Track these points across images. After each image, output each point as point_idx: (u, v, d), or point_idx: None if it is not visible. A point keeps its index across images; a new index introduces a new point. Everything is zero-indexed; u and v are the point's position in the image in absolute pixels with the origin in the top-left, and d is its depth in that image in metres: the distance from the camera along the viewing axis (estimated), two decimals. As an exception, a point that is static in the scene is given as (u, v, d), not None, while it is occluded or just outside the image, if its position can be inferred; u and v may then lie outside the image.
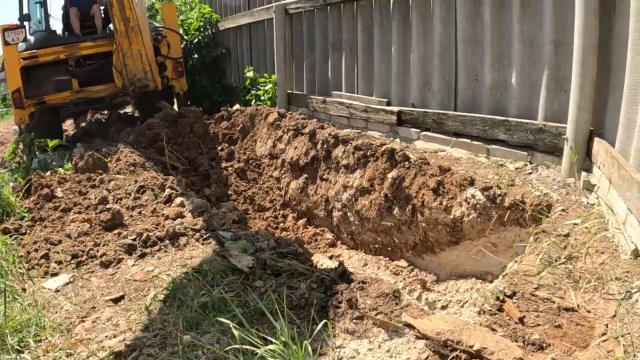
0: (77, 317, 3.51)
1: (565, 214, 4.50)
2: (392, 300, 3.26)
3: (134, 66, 9.82)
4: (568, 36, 5.14)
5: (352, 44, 8.49)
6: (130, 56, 9.60)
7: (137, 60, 9.76)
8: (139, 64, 9.83)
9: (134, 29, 9.23)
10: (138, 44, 9.53)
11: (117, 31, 9.03)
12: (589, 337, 3.08)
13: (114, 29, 9.00)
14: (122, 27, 9.00)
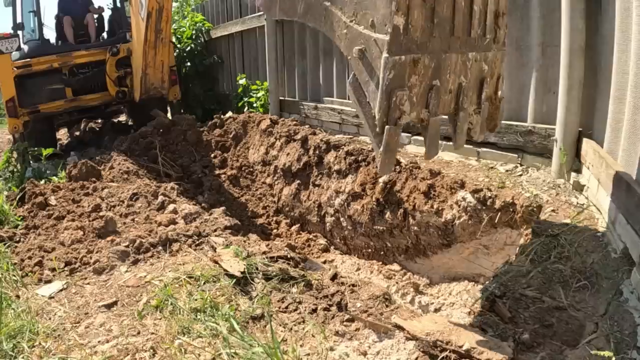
0: (70, 323, 3.52)
1: (555, 214, 4.53)
2: (382, 303, 3.29)
3: (153, 75, 9.87)
4: (555, 38, 5.17)
5: (343, 49, 8.50)
6: (153, 66, 9.64)
7: (158, 70, 9.82)
8: (158, 74, 9.90)
9: (164, 40, 9.28)
10: (163, 55, 9.59)
11: (146, 41, 9.00)
12: (579, 335, 3.10)
13: (144, 39, 8.96)
14: (153, 38, 9.00)
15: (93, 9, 12.37)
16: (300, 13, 3.41)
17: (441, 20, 3.00)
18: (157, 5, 8.48)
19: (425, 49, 2.95)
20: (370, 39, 2.83)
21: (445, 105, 3.23)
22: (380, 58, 2.76)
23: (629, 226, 3.54)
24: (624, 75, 4.12)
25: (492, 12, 3.48)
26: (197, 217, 5.05)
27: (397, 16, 2.69)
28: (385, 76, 2.74)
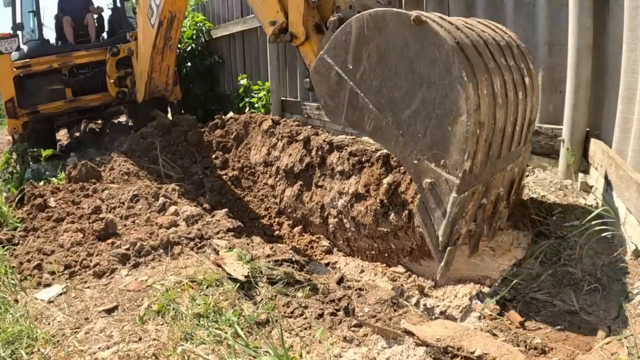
0: (70, 329, 3.46)
1: (563, 216, 4.46)
2: (390, 307, 3.22)
3: (158, 79, 9.87)
4: (562, 37, 5.11)
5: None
6: (159, 70, 9.65)
7: (163, 75, 9.83)
8: (163, 78, 9.91)
9: (172, 47, 9.27)
10: (170, 60, 9.58)
11: (154, 48, 8.99)
12: (592, 339, 3.05)
13: (153, 46, 8.92)
14: (162, 44, 8.99)
15: (93, 9, 12.34)
16: (368, 130, 3.63)
17: (493, 151, 3.43)
18: (169, 15, 8.43)
19: (481, 179, 3.39)
20: (441, 177, 3.21)
21: (486, 212, 3.68)
22: (449, 195, 3.17)
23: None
24: (633, 74, 4.06)
25: (527, 123, 3.97)
26: (199, 219, 4.99)
27: (467, 162, 3.10)
28: (452, 211, 3.16)
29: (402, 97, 3.36)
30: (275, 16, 4.88)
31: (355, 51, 3.61)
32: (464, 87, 3.02)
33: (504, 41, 3.77)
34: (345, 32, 3.65)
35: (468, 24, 3.65)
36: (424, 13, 3.32)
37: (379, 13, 3.41)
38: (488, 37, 3.57)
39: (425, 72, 3.21)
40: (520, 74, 3.72)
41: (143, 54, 9.55)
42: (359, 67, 3.60)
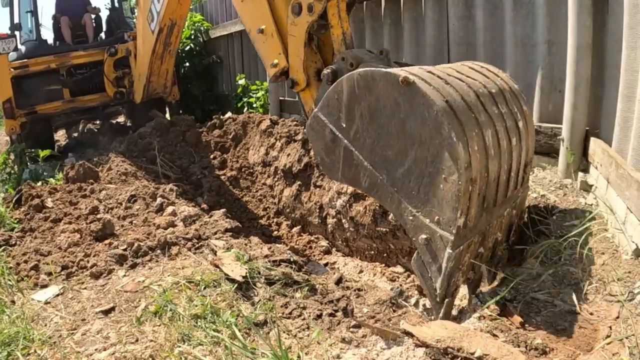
0: (66, 330, 3.43)
1: (563, 215, 4.44)
2: (389, 308, 3.19)
3: (157, 83, 9.86)
4: (561, 36, 5.10)
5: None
6: (157, 74, 9.62)
7: (162, 78, 9.81)
8: (162, 81, 9.89)
9: (171, 52, 9.25)
10: (169, 64, 9.56)
11: (154, 53, 8.96)
12: (593, 340, 3.02)
13: (152, 51, 8.89)
14: (162, 50, 8.96)
15: (90, 9, 12.31)
16: (364, 187, 3.67)
17: (488, 201, 3.48)
18: (170, 23, 8.39)
19: (476, 230, 3.42)
20: (435, 233, 3.24)
21: (483, 259, 3.69)
22: (444, 250, 3.19)
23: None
24: (633, 72, 4.04)
25: (523, 166, 4.01)
26: (197, 220, 4.96)
27: (460, 219, 3.14)
28: (447, 266, 3.18)
29: (395, 156, 3.41)
30: (278, 58, 4.87)
31: (347, 110, 3.66)
32: (453, 147, 3.08)
33: (496, 87, 3.81)
34: (337, 90, 3.71)
35: (459, 73, 3.67)
36: (413, 70, 3.39)
37: (368, 73, 3.46)
38: (479, 86, 3.62)
39: (416, 132, 3.26)
40: (513, 119, 3.79)
41: (142, 57, 9.52)
42: (352, 125, 3.66)
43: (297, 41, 4.63)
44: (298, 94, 4.95)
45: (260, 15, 4.93)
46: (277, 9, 4.84)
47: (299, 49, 4.66)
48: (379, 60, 4.25)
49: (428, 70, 3.48)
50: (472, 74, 3.81)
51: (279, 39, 4.83)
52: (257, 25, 4.97)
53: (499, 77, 4.08)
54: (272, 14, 4.86)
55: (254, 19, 5.03)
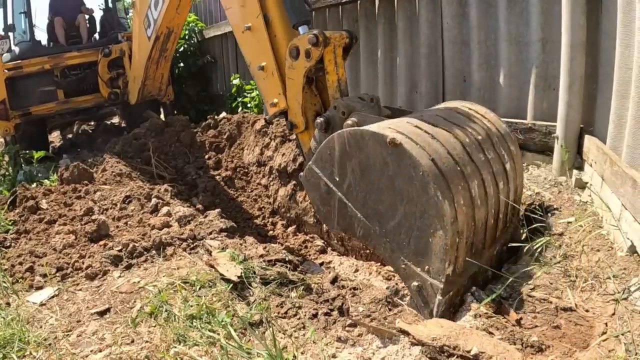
0: (61, 332, 3.42)
1: (558, 212, 4.44)
2: (385, 306, 3.19)
3: (152, 86, 9.85)
4: (555, 34, 5.10)
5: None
6: (152, 78, 9.60)
7: (157, 81, 9.80)
8: (157, 84, 9.87)
9: (167, 58, 9.23)
10: (164, 69, 9.56)
11: (150, 58, 8.93)
12: (589, 336, 3.02)
13: (148, 56, 8.87)
14: (157, 55, 8.93)
15: (84, 10, 12.28)
16: (359, 235, 3.75)
17: (477, 245, 3.63)
18: (167, 31, 8.35)
19: (466, 274, 3.54)
20: (426, 281, 3.35)
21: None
22: (435, 297, 3.31)
23: (636, 223, 3.47)
24: (627, 70, 4.04)
25: (511, 206, 4.13)
26: (192, 220, 4.95)
27: (448, 268, 3.26)
28: (438, 310, 3.29)
29: (386, 210, 3.53)
30: (278, 98, 4.89)
31: (340, 165, 3.78)
32: (439, 206, 3.20)
33: (483, 131, 3.96)
34: (329, 146, 3.82)
35: (446, 121, 3.80)
36: (401, 127, 3.54)
37: (357, 132, 3.58)
38: (465, 135, 3.75)
39: (405, 189, 3.38)
40: (500, 162, 3.93)
41: (137, 61, 9.47)
42: (345, 179, 3.77)
43: (295, 85, 4.67)
44: (297, 135, 4.98)
45: (261, 52, 4.91)
46: (278, 49, 4.84)
47: (297, 93, 4.69)
48: (369, 108, 4.39)
49: (415, 124, 3.61)
50: (460, 119, 3.94)
51: (279, 78, 4.83)
52: (257, 61, 4.96)
53: (486, 118, 4.19)
54: (274, 51, 4.84)
55: (255, 54, 5.01)
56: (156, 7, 7.97)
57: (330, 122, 4.42)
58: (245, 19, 4.94)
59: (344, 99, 4.40)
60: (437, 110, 4.11)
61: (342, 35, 4.54)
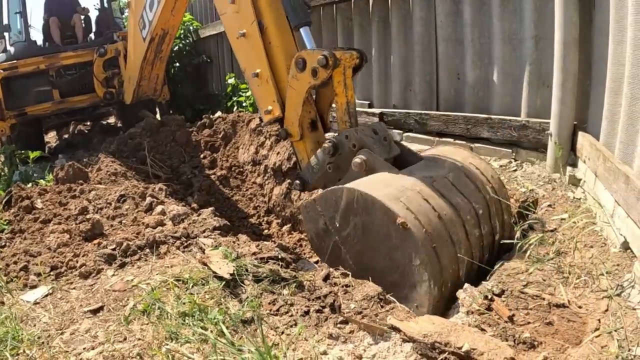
0: (55, 330, 3.42)
1: (552, 209, 4.45)
2: (377, 303, 3.18)
3: (147, 87, 9.81)
4: (549, 31, 5.11)
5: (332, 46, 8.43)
6: (147, 79, 9.57)
7: (152, 82, 9.76)
8: (152, 85, 9.84)
9: (162, 59, 9.19)
10: (159, 69, 9.51)
11: (145, 59, 8.91)
12: (582, 333, 3.02)
13: (143, 57, 8.85)
14: (152, 56, 8.90)
15: (80, 10, 12.26)
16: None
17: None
18: (162, 32, 8.33)
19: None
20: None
21: None
22: None
23: (629, 219, 3.48)
24: (619, 66, 4.05)
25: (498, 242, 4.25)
26: (186, 218, 4.95)
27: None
28: None
29: (380, 270, 3.62)
30: (272, 105, 4.86)
31: (343, 215, 3.81)
32: (428, 289, 3.35)
33: (484, 202, 4.09)
34: (336, 194, 3.84)
35: (454, 190, 3.97)
36: (412, 203, 3.58)
37: (369, 199, 3.59)
38: (468, 209, 3.91)
39: (401, 263, 3.48)
40: (487, 209, 4.09)
41: (132, 62, 9.44)
42: (346, 228, 3.82)
43: (296, 96, 4.62)
44: (292, 143, 4.96)
45: (256, 59, 4.87)
46: (273, 56, 4.79)
47: (297, 105, 4.65)
48: (381, 146, 4.33)
49: (425, 196, 3.72)
50: (467, 189, 4.07)
51: (274, 85, 4.79)
52: (252, 68, 4.92)
53: (475, 160, 4.44)
54: (268, 58, 4.79)
55: (249, 60, 4.97)
56: (151, 8, 7.91)
57: (339, 148, 4.41)
58: (240, 25, 4.89)
59: (357, 132, 4.34)
60: (449, 171, 4.16)
61: (352, 56, 4.47)
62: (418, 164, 4.28)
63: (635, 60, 3.70)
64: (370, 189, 3.66)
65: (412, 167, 4.20)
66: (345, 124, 4.49)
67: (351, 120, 4.51)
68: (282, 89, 4.77)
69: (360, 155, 4.16)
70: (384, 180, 3.89)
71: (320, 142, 4.76)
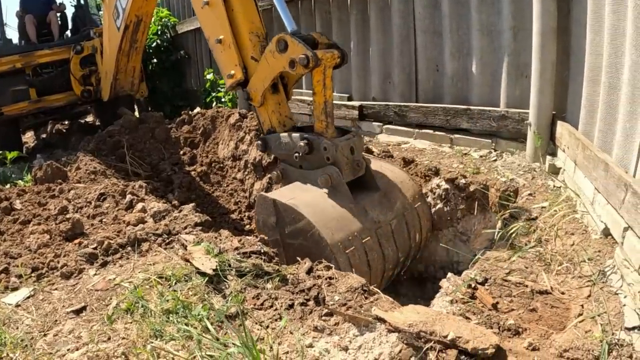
0: (38, 332, 3.38)
1: (532, 198, 4.48)
2: (361, 295, 3.18)
3: (124, 80, 9.78)
4: (527, 21, 5.14)
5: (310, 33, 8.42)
6: (124, 72, 9.55)
7: (129, 75, 9.73)
8: (129, 78, 9.81)
9: (138, 49, 9.17)
10: (135, 61, 9.49)
11: (120, 50, 8.89)
12: (565, 318, 3.05)
13: (118, 48, 8.81)
14: (128, 47, 8.89)
15: (56, 7, 12.12)
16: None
17: None
18: (136, 19, 8.30)
19: None
20: None
21: None
22: None
23: (609, 206, 3.50)
24: (597, 56, 4.08)
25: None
26: (167, 215, 4.91)
27: None
28: None
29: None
30: (234, 69, 5.03)
31: (287, 222, 4.34)
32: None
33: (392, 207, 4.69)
34: (291, 210, 4.27)
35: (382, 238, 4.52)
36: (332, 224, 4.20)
37: (308, 223, 4.17)
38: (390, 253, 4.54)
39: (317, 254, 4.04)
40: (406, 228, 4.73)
41: (108, 55, 9.41)
42: (285, 230, 4.38)
43: (268, 71, 4.76)
44: (254, 106, 5.13)
45: (219, 26, 5.03)
46: (236, 23, 4.97)
47: (266, 78, 4.80)
48: (351, 168, 4.59)
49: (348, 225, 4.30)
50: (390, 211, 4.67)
51: (236, 50, 4.97)
52: (215, 34, 5.08)
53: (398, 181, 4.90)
54: (231, 25, 4.96)
55: (214, 28, 5.13)
56: (124, -5, 8.02)
57: (313, 149, 4.58)
58: None
59: (337, 149, 4.49)
60: (394, 217, 4.68)
61: (333, 55, 4.57)
62: (372, 199, 4.63)
63: (613, 50, 3.73)
64: (313, 216, 4.19)
65: (367, 203, 4.56)
66: (322, 122, 4.61)
67: (327, 119, 4.62)
68: (245, 54, 4.97)
69: (328, 173, 4.46)
70: (318, 195, 4.47)
71: (282, 104, 5.07)
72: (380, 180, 4.76)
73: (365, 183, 4.71)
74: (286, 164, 4.89)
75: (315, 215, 4.18)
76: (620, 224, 3.29)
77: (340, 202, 4.38)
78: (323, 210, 4.29)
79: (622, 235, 3.26)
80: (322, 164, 4.53)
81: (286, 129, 5.02)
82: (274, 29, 8.67)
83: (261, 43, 4.95)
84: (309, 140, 4.58)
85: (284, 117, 5.11)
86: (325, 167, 4.50)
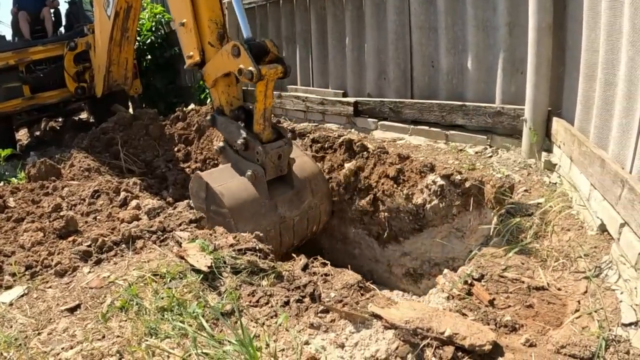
0: (32, 330, 3.35)
1: (528, 194, 4.47)
2: (357, 291, 3.17)
3: (117, 73, 9.75)
4: (522, 18, 5.13)
5: (305, 36, 8.41)
6: (117, 63, 9.54)
7: (122, 67, 9.71)
8: (122, 71, 9.79)
9: (129, 39, 9.17)
10: (128, 52, 9.50)
11: (112, 40, 8.87)
12: (562, 314, 3.04)
13: (110, 37, 8.78)
14: (119, 36, 8.89)
15: (49, 3, 12.05)
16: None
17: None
18: (126, 5, 8.28)
19: None
20: None
21: None
22: None
23: (606, 202, 3.50)
24: (593, 52, 4.07)
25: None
26: (161, 212, 4.89)
27: None
28: None
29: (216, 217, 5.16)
30: (193, 52, 5.58)
31: (210, 199, 5.21)
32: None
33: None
34: (218, 194, 5.12)
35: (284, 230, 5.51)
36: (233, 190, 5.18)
37: (219, 191, 5.15)
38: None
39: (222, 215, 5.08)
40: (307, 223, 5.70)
41: (100, 47, 9.39)
42: (210, 207, 5.22)
43: (222, 66, 5.35)
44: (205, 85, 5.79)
45: (184, 9, 5.50)
46: (198, 8, 5.44)
47: (219, 69, 5.42)
48: (275, 170, 5.35)
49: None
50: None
51: (196, 34, 5.50)
52: (180, 17, 5.60)
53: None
54: (193, 11, 5.44)
55: (179, 11, 5.63)
56: (113, -18, 8.09)
57: (248, 148, 5.30)
58: None
59: (267, 155, 5.21)
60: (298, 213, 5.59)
61: (277, 71, 5.10)
62: (285, 197, 5.47)
63: (609, 46, 3.72)
64: (232, 208, 5.06)
65: (279, 200, 5.41)
66: (260, 125, 5.29)
67: (265, 123, 5.31)
68: (203, 40, 5.51)
69: (255, 171, 5.21)
70: (241, 186, 5.24)
71: (231, 86, 5.71)
72: (297, 180, 5.53)
73: (285, 179, 5.51)
74: (227, 144, 5.59)
75: (234, 208, 5.02)
76: (617, 220, 3.28)
77: (257, 197, 5.17)
78: (242, 203, 5.09)
79: (619, 231, 3.25)
80: (253, 160, 5.27)
81: (233, 108, 5.67)
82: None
83: (218, 30, 5.47)
84: (246, 140, 5.27)
85: (232, 97, 5.76)
86: (255, 165, 5.24)
